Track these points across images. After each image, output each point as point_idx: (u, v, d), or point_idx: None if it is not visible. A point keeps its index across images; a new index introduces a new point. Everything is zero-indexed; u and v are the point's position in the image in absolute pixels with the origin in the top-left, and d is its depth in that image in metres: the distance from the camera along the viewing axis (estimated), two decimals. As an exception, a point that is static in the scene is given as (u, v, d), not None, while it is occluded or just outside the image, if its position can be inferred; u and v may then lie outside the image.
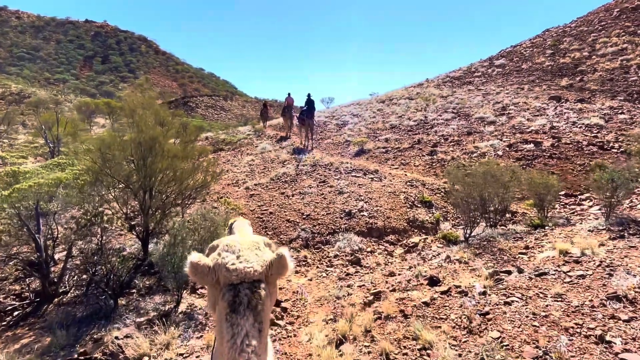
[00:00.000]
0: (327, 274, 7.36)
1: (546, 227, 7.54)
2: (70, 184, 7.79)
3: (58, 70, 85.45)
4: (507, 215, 8.68)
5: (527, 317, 4.39)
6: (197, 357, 4.93)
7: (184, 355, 5.00)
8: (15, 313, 6.85)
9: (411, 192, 10.60)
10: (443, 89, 26.00)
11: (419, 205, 10.06)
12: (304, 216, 9.61)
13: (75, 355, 5.22)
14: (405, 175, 11.98)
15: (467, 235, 7.78)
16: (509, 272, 5.64)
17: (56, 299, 7.22)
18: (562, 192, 9.76)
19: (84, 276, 7.86)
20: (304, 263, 7.96)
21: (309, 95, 17.20)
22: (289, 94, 19.60)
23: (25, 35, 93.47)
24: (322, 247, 8.57)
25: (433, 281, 5.56)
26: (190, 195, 8.55)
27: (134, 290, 7.56)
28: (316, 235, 8.88)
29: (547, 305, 4.54)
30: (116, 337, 5.48)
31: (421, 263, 6.95)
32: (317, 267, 7.84)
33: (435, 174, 12.19)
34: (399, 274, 6.50)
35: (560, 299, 4.62)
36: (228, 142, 19.91)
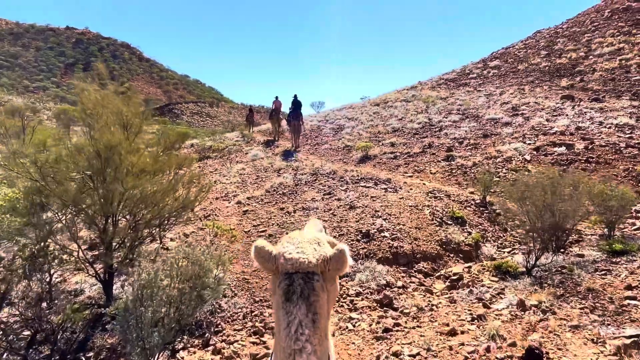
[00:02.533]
0: (354, 325, 5.33)
1: (633, 253, 5.69)
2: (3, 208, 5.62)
3: (38, 77, 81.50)
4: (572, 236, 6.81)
5: None
6: None
7: None
8: None
9: (436, 205, 8.68)
10: (440, 91, 24.34)
11: (449, 222, 8.13)
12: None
13: None
14: (424, 184, 10.06)
15: (531, 266, 5.87)
16: None
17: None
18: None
19: (26, 332, 5.68)
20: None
21: (295, 97, 16.17)
22: (276, 98, 18.40)
23: (4, 43, 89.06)
24: (338, 280, 6.54)
25: (533, 356, 3.58)
26: (169, 218, 6.45)
27: (90, 354, 5.41)
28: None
29: None
30: None
31: (482, 310, 4.99)
32: (337, 311, 5.81)
33: (458, 182, 10.30)
34: (462, 331, 4.53)
35: None
36: (215, 149, 17.77)
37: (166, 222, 7.07)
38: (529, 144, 11.58)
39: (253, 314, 5.80)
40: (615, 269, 5.34)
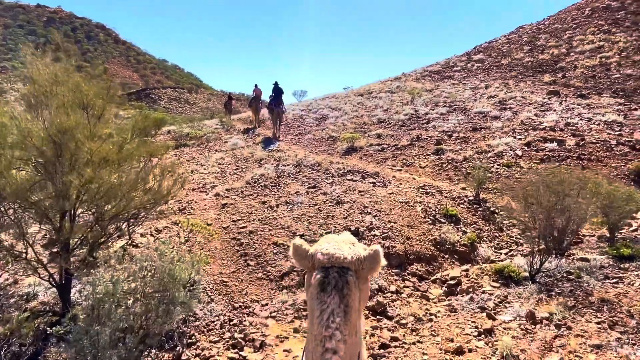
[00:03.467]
0: (345, 337, 4.76)
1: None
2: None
3: (6, 57, 76.96)
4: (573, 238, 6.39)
5: None
6: None
7: None
8: None
9: (428, 202, 8.16)
10: (424, 83, 23.90)
11: (442, 221, 7.62)
12: (297, 237, 6.93)
13: None
14: (414, 179, 9.53)
15: (535, 271, 5.41)
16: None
17: None
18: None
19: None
20: (304, 314, 5.31)
21: (276, 84, 15.47)
22: (256, 86, 17.67)
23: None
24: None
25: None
26: (138, 214, 5.68)
27: (41, 371, 4.64)
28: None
29: None
30: None
31: (489, 323, 4.47)
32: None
33: (449, 177, 9.82)
34: (469, 349, 3.99)
35: None
36: (193, 136, 16.81)
37: (134, 218, 6.29)
38: (520, 139, 11.20)
39: (231, 323, 5.14)
40: (626, 276, 4.92)
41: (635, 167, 8.89)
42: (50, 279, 5.07)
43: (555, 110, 13.27)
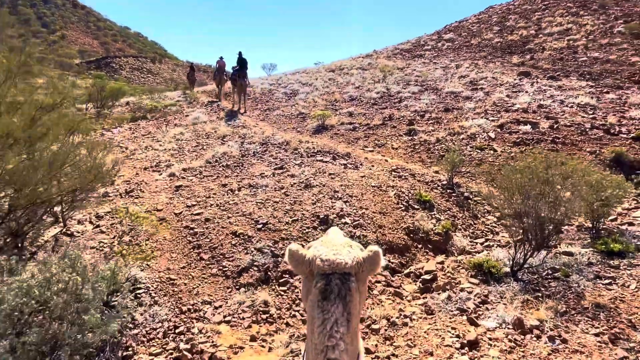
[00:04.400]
0: (310, 347, 4.07)
1: (631, 254, 4.87)
2: None
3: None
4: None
5: None
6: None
7: None
8: None
9: (401, 186, 7.51)
10: (396, 61, 23.13)
11: (416, 207, 7.01)
12: (260, 225, 6.12)
13: None
14: (387, 161, 8.86)
15: (517, 267, 4.88)
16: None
17: None
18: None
19: None
20: (263, 317, 4.58)
21: (240, 54, 14.40)
22: (220, 58, 16.85)
23: None
24: (291, 280, 5.22)
25: None
26: (61, 202, 4.67)
27: None
28: (280, 259, 5.49)
29: None
30: None
31: (472, 332, 3.89)
32: (290, 325, 4.51)
33: (421, 159, 9.20)
34: (452, 365, 3.40)
35: None
36: (152, 109, 15.40)
37: (68, 203, 5.28)
38: (492, 120, 10.71)
39: (177, 331, 4.33)
40: (618, 275, 4.46)
41: (612, 152, 8.57)
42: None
43: (527, 92, 12.87)
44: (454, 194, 7.64)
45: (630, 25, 22.31)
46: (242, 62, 14.10)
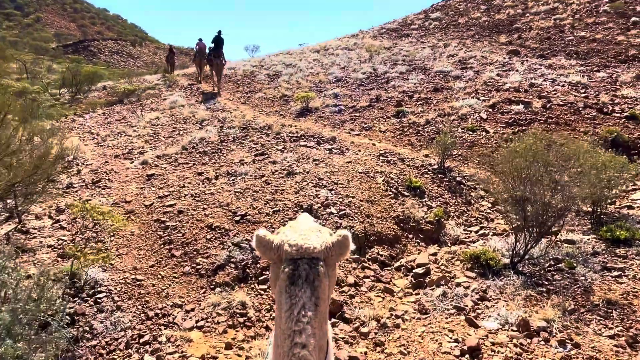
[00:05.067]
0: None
1: (637, 242, 4.49)
2: None
3: None
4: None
5: None
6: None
7: None
8: None
9: (390, 171, 7.02)
10: (382, 41, 22.40)
11: (406, 194, 6.54)
12: (237, 217, 5.58)
13: None
14: (374, 145, 8.34)
15: (518, 258, 4.47)
16: None
17: None
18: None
19: None
20: (241, 321, 4.09)
21: (218, 33, 13.79)
22: (200, 39, 15.81)
23: None
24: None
25: None
26: (29, 193, 4.06)
27: None
28: (259, 254, 4.98)
29: None
30: None
31: (473, 337, 3.46)
32: (270, 329, 4.03)
33: (410, 143, 8.71)
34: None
35: None
36: (129, 92, 14.52)
37: (24, 196, 4.67)
38: (484, 100, 10.25)
39: (142, 340, 3.81)
40: (627, 267, 4.08)
41: (610, 132, 8.19)
42: None
43: (517, 71, 12.41)
44: (445, 179, 7.19)
45: (616, 4, 21.89)
46: (217, 41, 13.44)
